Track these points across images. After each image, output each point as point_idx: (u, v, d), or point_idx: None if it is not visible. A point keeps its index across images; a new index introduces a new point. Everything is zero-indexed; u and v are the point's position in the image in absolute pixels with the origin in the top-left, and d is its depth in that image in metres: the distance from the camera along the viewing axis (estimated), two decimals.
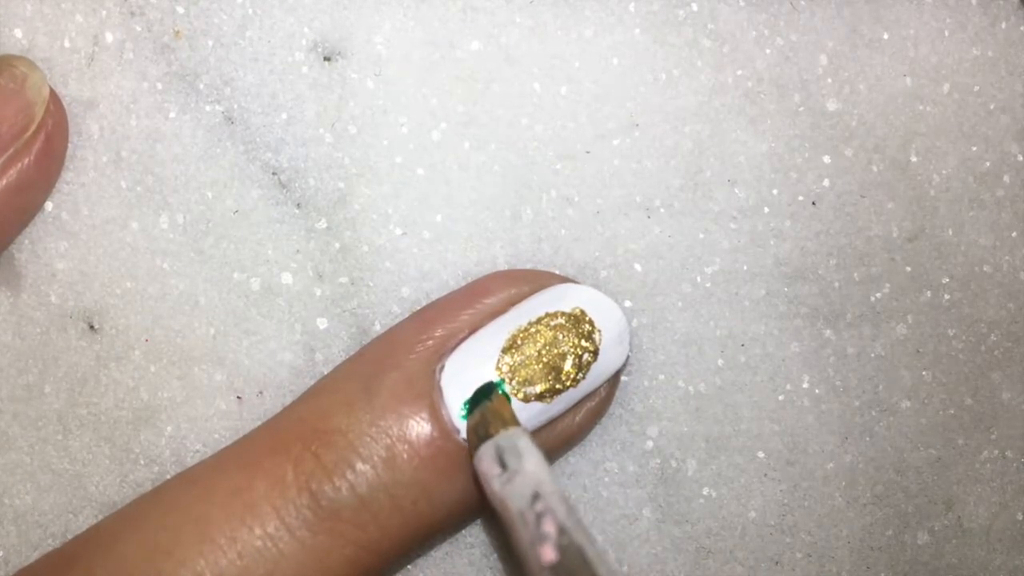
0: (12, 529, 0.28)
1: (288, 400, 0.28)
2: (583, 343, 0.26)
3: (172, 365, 0.28)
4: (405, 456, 0.24)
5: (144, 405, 0.28)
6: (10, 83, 0.26)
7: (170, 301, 0.28)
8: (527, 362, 0.25)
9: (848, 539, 0.29)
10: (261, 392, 0.28)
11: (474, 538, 0.28)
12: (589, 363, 0.26)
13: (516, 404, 0.25)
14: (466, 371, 0.25)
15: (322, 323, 0.28)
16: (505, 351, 0.25)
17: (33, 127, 0.26)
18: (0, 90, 0.25)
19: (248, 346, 0.28)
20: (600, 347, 0.26)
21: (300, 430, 0.24)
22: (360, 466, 0.24)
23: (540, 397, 0.25)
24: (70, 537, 0.28)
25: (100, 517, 0.28)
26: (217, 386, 0.28)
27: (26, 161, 0.26)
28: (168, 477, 0.28)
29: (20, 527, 0.28)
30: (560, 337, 0.25)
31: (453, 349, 0.25)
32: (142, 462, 0.28)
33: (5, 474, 0.28)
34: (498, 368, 0.25)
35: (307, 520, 0.23)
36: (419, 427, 0.24)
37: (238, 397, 0.28)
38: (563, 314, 0.26)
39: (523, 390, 0.25)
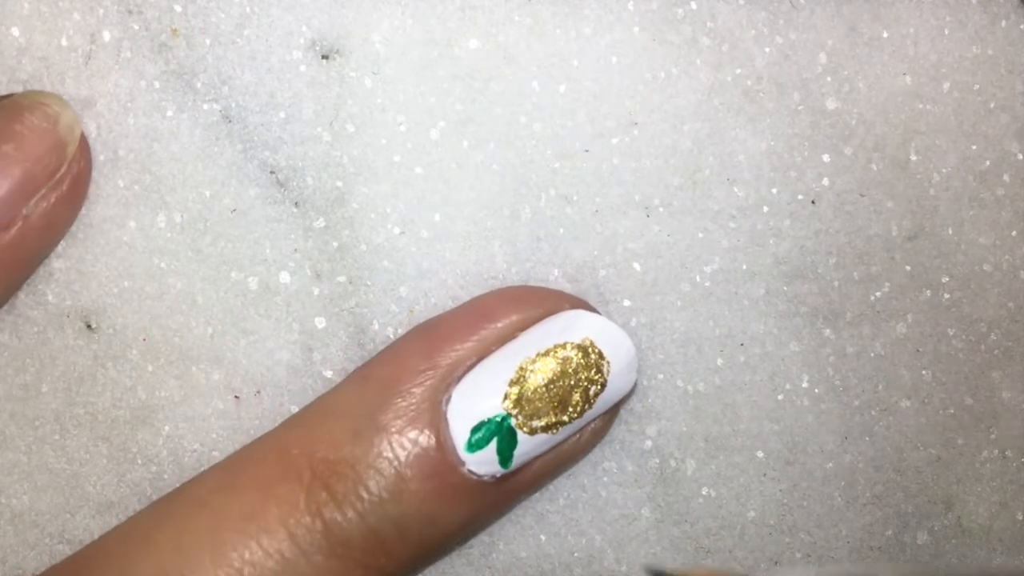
0: (9, 529, 0.28)
1: (286, 400, 0.28)
2: (592, 375, 0.25)
3: (170, 364, 0.28)
4: (412, 488, 0.24)
5: (142, 404, 0.28)
6: (43, 122, 0.25)
7: (168, 300, 0.28)
8: (535, 396, 0.25)
9: (848, 539, 0.29)
10: (259, 392, 0.28)
11: (473, 538, 0.28)
12: (597, 394, 0.26)
13: (522, 436, 0.25)
14: (473, 403, 0.25)
15: (320, 322, 0.28)
16: (513, 383, 0.25)
17: (64, 167, 0.26)
18: (34, 129, 0.25)
19: (246, 345, 0.28)
20: (608, 378, 0.26)
21: (310, 459, 0.24)
22: (369, 498, 0.24)
23: (546, 429, 0.25)
24: (67, 537, 0.28)
25: (98, 517, 0.28)
26: (215, 385, 0.28)
27: (54, 200, 0.26)
28: (166, 477, 0.28)
29: (17, 527, 0.28)
30: (569, 369, 0.25)
31: (460, 379, 0.25)
32: (140, 461, 0.28)
33: (2, 474, 0.28)
34: (505, 401, 0.25)
35: (320, 546, 0.24)
36: (425, 459, 0.24)
37: (236, 396, 0.28)
38: (573, 345, 0.25)
39: (529, 424, 0.25)
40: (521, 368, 0.25)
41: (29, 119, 0.25)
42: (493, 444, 0.25)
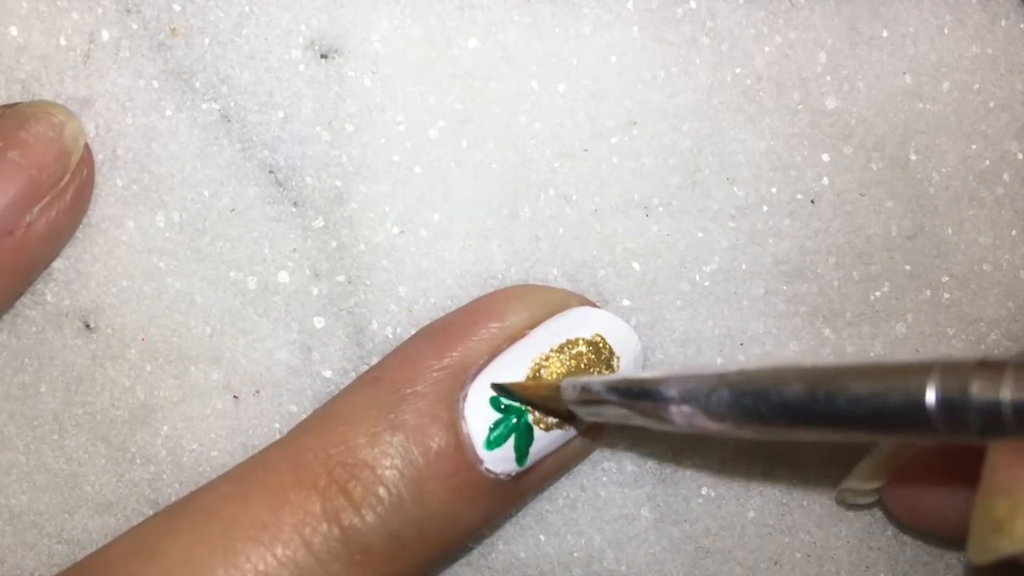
0: (8, 529, 0.28)
1: (285, 400, 0.28)
2: (603, 371, 0.26)
3: (168, 364, 0.28)
4: (432, 489, 0.24)
5: (140, 404, 0.28)
6: (49, 131, 0.26)
7: (166, 300, 0.28)
8: None
9: (848, 539, 0.29)
10: (258, 391, 0.28)
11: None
12: None
13: (538, 432, 0.25)
14: (491, 401, 0.25)
15: (319, 322, 0.28)
16: (528, 379, 0.25)
17: (68, 176, 0.26)
18: (39, 138, 0.26)
19: (245, 345, 0.28)
20: (618, 374, 0.26)
21: (326, 463, 0.24)
22: (389, 500, 0.24)
23: (560, 425, 0.25)
24: (66, 537, 0.28)
25: (96, 517, 0.28)
26: (213, 385, 0.28)
27: (58, 209, 0.26)
28: (164, 477, 0.28)
29: (16, 527, 0.28)
30: (581, 365, 0.25)
31: (475, 377, 0.25)
32: (138, 461, 0.28)
33: (1, 474, 0.28)
34: None
35: (337, 553, 0.23)
36: (444, 459, 0.24)
37: (235, 396, 0.28)
38: (584, 341, 0.26)
39: (546, 419, 0.25)
40: (536, 364, 0.25)
41: (35, 127, 0.26)
42: (511, 441, 0.25)
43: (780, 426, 0.20)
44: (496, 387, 0.25)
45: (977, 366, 0.18)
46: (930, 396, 0.18)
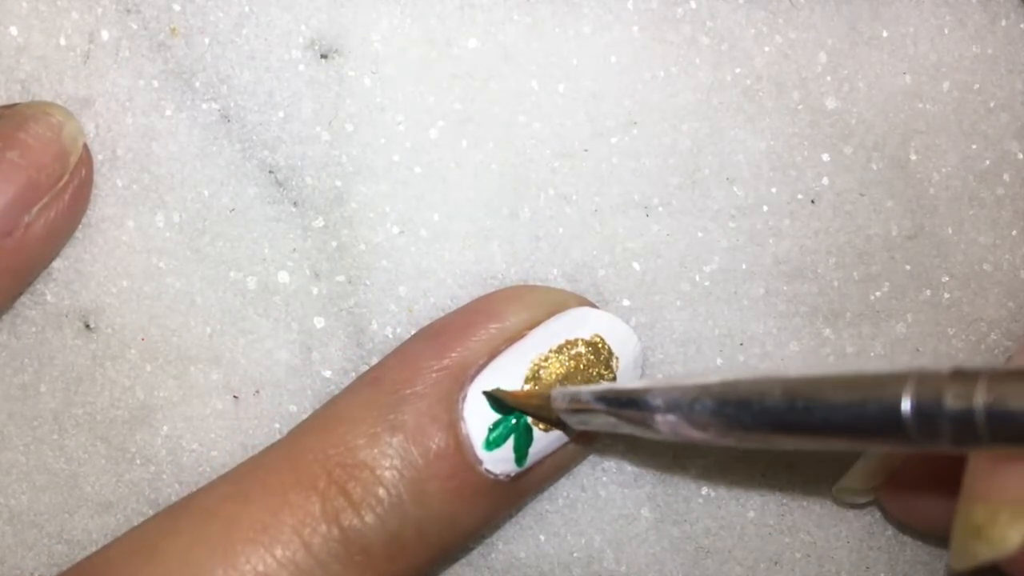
0: (8, 529, 0.28)
1: (285, 400, 0.28)
2: (602, 371, 0.26)
3: (168, 364, 0.28)
4: (431, 490, 0.24)
5: (140, 404, 0.28)
6: (47, 131, 0.26)
7: (166, 300, 0.28)
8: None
9: (848, 539, 0.29)
10: (258, 391, 0.28)
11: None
12: None
13: (537, 433, 0.25)
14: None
15: (319, 322, 0.28)
16: (527, 380, 0.25)
17: (66, 176, 0.26)
18: (38, 138, 0.26)
19: (244, 345, 0.28)
20: (617, 374, 0.26)
21: (325, 464, 0.24)
22: (389, 500, 0.24)
23: (560, 425, 0.25)
24: (65, 537, 0.28)
25: (96, 517, 0.28)
26: (213, 385, 0.28)
27: (57, 209, 0.26)
28: (164, 477, 0.28)
29: (15, 527, 0.28)
30: (581, 365, 0.25)
31: (474, 377, 0.25)
32: (138, 462, 0.28)
33: (1, 474, 0.28)
34: None
35: (337, 554, 0.23)
36: (444, 460, 0.24)
37: (235, 396, 0.28)
38: (583, 342, 0.26)
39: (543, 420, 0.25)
40: (535, 365, 0.25)
41: (33, 128, 0.26)
42: (510, 442, 0.25)
43: (761, 435, 0.21)
44: (487, 395, 0.25)
45: (951, 375, 0.18)
46: (905, 405, 0.18)
